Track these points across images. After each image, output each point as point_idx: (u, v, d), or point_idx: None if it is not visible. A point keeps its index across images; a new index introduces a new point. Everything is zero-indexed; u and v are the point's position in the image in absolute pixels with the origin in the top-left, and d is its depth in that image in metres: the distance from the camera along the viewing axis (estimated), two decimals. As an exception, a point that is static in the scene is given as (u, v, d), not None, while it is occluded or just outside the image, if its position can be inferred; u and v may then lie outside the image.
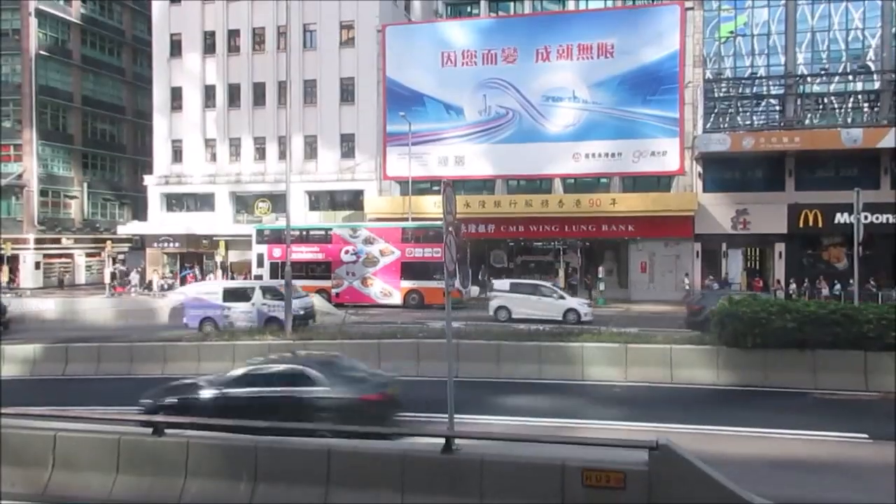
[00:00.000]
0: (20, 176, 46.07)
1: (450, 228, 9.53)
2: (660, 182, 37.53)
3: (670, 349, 15.45)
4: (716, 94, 35.30)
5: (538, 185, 39.42)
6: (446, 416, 9.75)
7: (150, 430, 9.01)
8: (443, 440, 7.76)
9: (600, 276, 35.56)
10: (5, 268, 43.41)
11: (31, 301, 31.10)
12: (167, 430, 9.02)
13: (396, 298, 32.95)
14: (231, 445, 8.84)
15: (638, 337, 16.64)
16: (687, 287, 33.78)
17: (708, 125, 34.80)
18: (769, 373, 14.65)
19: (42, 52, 46.75)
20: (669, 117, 36.80)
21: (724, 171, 35.86)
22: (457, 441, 7.78)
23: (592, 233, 37.13)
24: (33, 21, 45.94)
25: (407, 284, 32.85)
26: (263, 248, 34.56)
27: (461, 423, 11.42)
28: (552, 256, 39.98)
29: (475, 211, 37.32)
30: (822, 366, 14.35)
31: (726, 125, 34.78)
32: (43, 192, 47.24)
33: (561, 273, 36.67)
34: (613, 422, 12.27)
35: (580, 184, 38.56)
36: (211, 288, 26.57)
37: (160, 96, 44.55)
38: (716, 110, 35.11)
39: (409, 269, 32.67)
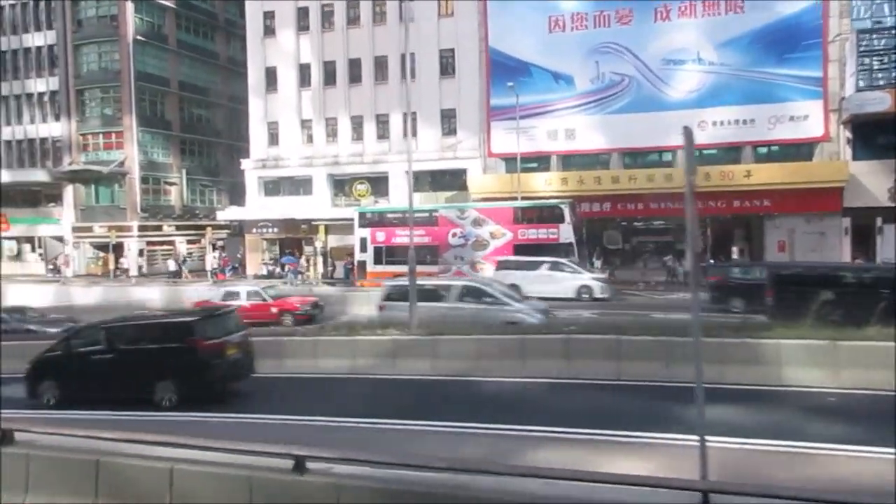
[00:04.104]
0: (122, 163, 46.14)
1: (693, 189, 6.77)
2: (799, 150, 33.49)
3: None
4: (870, 48, 30.82)
5: (657, 157, 36.00)
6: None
7: (290, 463, 6.87)
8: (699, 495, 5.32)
9: (734, 256, 32.02)
10: (112, 256, 43.64)
11: (135, 290, 30.40)
12: (309, 465, 6.86)
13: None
14: (394, 489, 6.59)
15: (847, 332, 13.43)
16: None
17: (861, 83, 30.45)
18: None
19: (139, 38, 46.50)
20: (811, 77, 32.72)
21: (879, 136, 31.36)
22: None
23: (722, 209, 33.53)
24: (130, 6, 45.69)
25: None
26: (366, 232, 32.78)
27: (661, 444, 8.93)
28: (672, 236, 36.62)
29: (590, 188, 34.48)
30: None
31: (885, 82, 30.28)
32: (144, 180, 47.21)
33: (688, 254, 33.22)
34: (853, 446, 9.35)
35: (706, 155, 34.90)
36: None
37: (255, 77, 43.41)
38: (870, 66, 30.68)
39: (523, 252, 30.10)
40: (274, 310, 24.36)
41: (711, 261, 31.86)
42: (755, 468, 8.80)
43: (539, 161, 37.07)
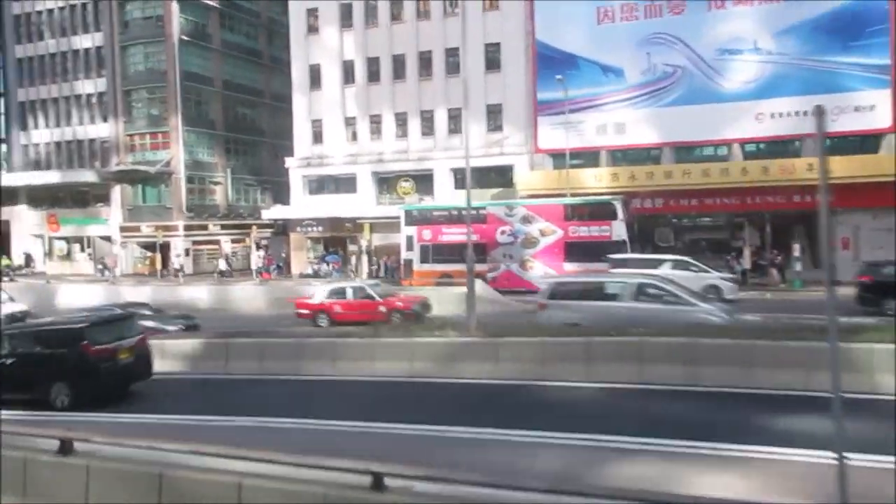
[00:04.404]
0: (168, 163, 46.43)
1: (827, 177, 5.95)
2: (864, 142, 31.98)
3: None
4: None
5: (712, 151, 34.78)
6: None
7: (367, 480, 6.27)
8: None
9: (795, 254, 30.65)
10: (158, 255, 43.90)
11: (184, 289, 30.39)
12: (388, 482, 6.24)
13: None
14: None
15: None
16: None
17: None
18: None
19: (184, 38, 46.73)
20: (878, 65, 31.24)
21: (952, 126, 29.83)
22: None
23: (780, 204, 32.27)
24: (175, 7, 45.95)
25: (571, 267, 29.46)
26: (412, 230, 32.25)
27: (763, 459, 8.05)
28: (727, 233, 35.37)
29: (641, 183, 33.41)
30: None
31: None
32: (190, 179, 47.46)
33: (746, 252, 31.98)
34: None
35: (763, 149, 33.62)
36: None
37: (299, 75, 43.20)
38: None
39: (574, 250, 29.26)
40: (382, 308, 22.96)
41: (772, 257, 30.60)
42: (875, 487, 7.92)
43: (587, 156, 36.11)
